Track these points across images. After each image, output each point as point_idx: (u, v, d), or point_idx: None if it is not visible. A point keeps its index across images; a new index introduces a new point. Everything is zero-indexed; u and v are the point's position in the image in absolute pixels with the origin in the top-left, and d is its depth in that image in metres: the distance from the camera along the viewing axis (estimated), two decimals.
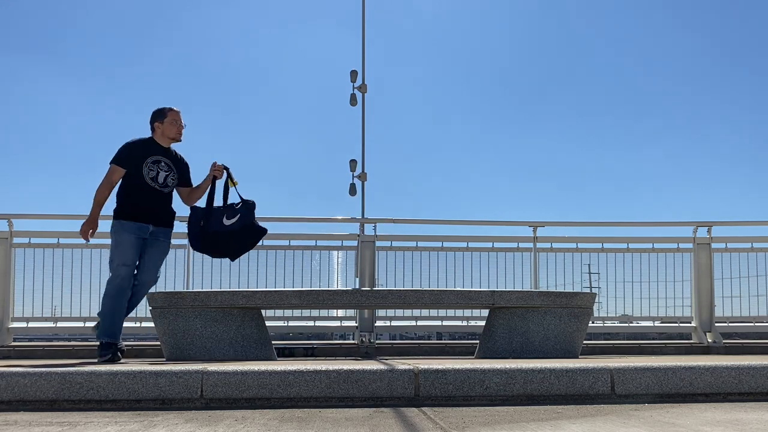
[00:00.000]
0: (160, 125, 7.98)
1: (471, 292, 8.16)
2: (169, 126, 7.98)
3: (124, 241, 7.68)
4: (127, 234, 7.68)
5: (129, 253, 7.69)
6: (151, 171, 7.84)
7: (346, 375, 5.03)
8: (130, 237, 7.69)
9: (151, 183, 7.83)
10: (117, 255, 7.67)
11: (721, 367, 5.29)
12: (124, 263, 7.65)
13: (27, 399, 4.90)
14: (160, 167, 7.91)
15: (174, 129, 7.99)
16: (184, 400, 4.93)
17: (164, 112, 8.02)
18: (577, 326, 7.94)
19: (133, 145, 7.87)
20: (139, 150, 7.86)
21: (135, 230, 7.72)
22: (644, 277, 11.55)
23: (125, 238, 7.68)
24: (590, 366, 5.24)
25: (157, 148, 7.96)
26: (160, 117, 8.01)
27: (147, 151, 7.88)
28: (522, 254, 11.36)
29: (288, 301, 8.09)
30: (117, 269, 7.63)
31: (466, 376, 5.07)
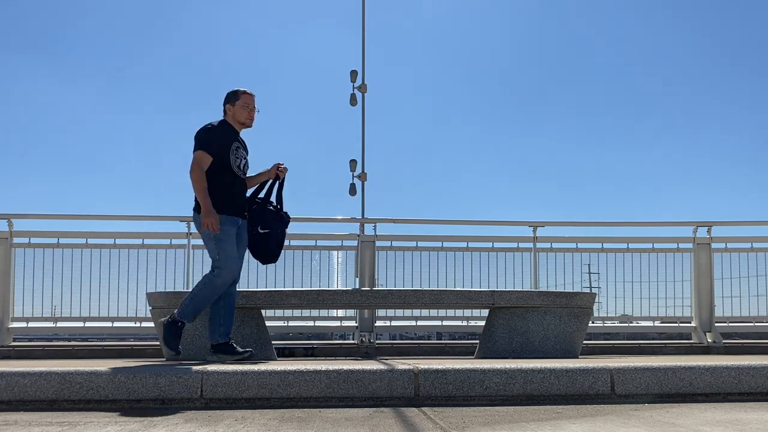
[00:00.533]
0: (231, 108, 7.50)
1: (471, 292, 8.16)
2: (240, 110, 7.48)
3: (229, 232, 7.22)
4: (230, 227, 7.24)
5: (234, 243, 7.27)
6: (237, 158, 7.41)
7: (346, 375, 5.04)
8: (232, 230, 7.27)
9: (238, 171, 7.41)
10: (226, 248, 7.18)
11: (721, 367, 5.29)
12: (235, 256, 7.24)
13: (27, 399, 4.90)
14: (241, 154, 7.50)
15: (245, 113, 7.50)
16: (184, 400, 4.93)
17: (237, 95, 7.56)
18: (577, 326, 7.94)
19: (215, 130, 7.39)
20: (224, 134, 7.40)
21: (231, 222, 7.28)
22: (644, 277, 11.55)
23: (229, 230, 7.22)
24: (590, 366, 5.24)
25: (235, 133, 7.52)
26: (232, 99, 7.54)
27: (230, 136, 7.44)
28: (522, 254, 11.36)
29: (288, 301, 8.10)
30: (227, 263, 7.14)
31: (466, 376, 5.07)
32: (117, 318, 10.64)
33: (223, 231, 7.15)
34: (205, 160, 7.22)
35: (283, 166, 7.75)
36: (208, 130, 7.35)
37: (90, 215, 11.19)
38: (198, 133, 7.36)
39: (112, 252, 10.71)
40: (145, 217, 11.26)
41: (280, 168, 7.74)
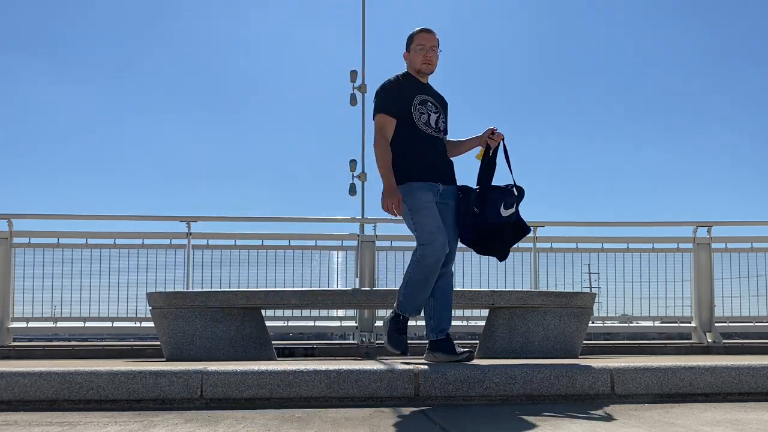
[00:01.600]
0: (407, 55, 6.46)
1: (471, 292, 8.17)
2: (416, 54, 6.37)
3: (423, 201, 6.14)
4: (422, 193, 6.16)
5: (435, 213, 6.15)
6: (422, 114, 6.27)
7: (346, 375, 5.03)
8: (425, 195, 6.17)
9: (426, 129, 6.28)
10: (423, 220, 6.11)
11: (721, 367, 5.29)
12: (438, 227, 6.08)
13: (27, 399, 4.90)
14: (429, 108, 6.33)
15: (420, 57, 6.35)
16: (184, 400, 4.93)
17: (411, 38, 6.45)
18: (577, 326, 7.94)
19: (392, 86, 6.33)
20: (402, 90, 6.30)
21: (426, 188, 6.20)
22: (644, 277, 11.57)
23: (423, 198, 6.15)
24: (590, 366, 5.24)
25: (418, 85, 6.39)
26: (407, 44, 6.46)
27: (410, 90, 6.33)
28: (522, 254, 11.37)
29: (288, 301, 8.10)
30: (431, 235, 6.04)
31: (466, 376, 5.07)
32: (117, 318, 10.66)
33: (416, 200, 6.14)
34: (388, 125, 6.25)
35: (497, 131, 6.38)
36: (384, 87, 6.35)
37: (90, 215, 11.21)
38: (376, 93, 6.40)
39: (112, 252, 10.73)
40: (145, 217, 11.29)
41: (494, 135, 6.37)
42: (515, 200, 6.32)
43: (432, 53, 6.40)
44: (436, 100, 6.47)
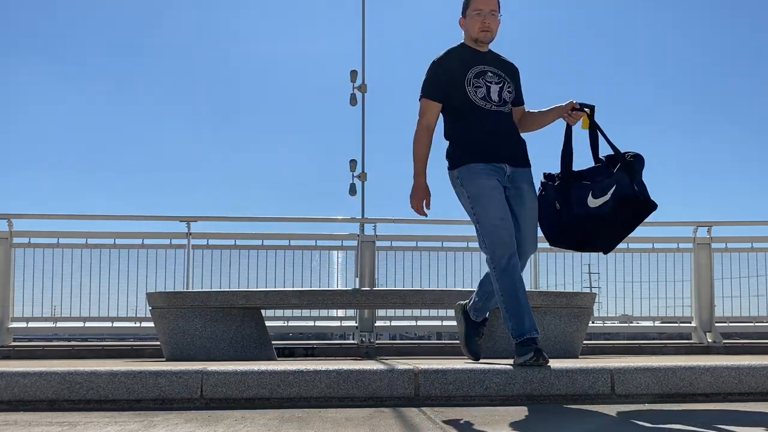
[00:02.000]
0: (463, 22, 5.76)
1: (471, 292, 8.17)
2: (472, 21, 5.64)
3: (486, 187, 5.43)
4: (483, 177, 5.45)
5: (498, 200, 5.44)
6: (478, 88, 5.49)
7: (346, 375, 5.03)
8: (488, 180, 5.45)
9: (484, 104, 5.51)
10: (483, 211, 5.44)
11: (721, 367, 5.29)
12: (501, 216, 5.39)
13: (27, 399, 4.89)
14: (487, 79, 5.55)
15: (476, 25, 5.61)
16: (184, 400, 4.92)
17: (467, 1, 5.72)
18: (577, 326, 7.95)
19: (440, 63, 5.65)
20: (452, 66, 5.62)
21: (490, 171, 5.48)
22: (644, 277, 11.57)
23: (486, 184, 5.44)
24: (590, 366, 5.24)
25: (474, 55, 5.66)
26: (463, 9, 5.76)
27: (463, 63, 5.60)
28: None
29: (288, 301, 8.11)
30: (494, 229, 5.39)
31: (466, 376, 5.07)
32: (117, 318, 10.68)
33: (477, 185, 5.47)
34: (428, 111, 5.64)
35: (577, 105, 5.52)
36: (430, 66, 5.69)
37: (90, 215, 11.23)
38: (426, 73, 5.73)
39: (112, 252, 10.74)
40: (145, 217, 11.30)
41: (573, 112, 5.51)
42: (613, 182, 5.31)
43: (491, 18, 5.64)
44: (500, 69, 5.69)
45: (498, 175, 5.49)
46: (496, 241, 5.37)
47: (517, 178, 5.57)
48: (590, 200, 5.37)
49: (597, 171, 5.44)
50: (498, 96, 5.59)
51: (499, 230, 5.35)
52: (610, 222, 5.37)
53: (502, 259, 5.38)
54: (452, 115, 5.65)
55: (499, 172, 5.50)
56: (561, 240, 5.62)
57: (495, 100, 5.57)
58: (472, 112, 5.55)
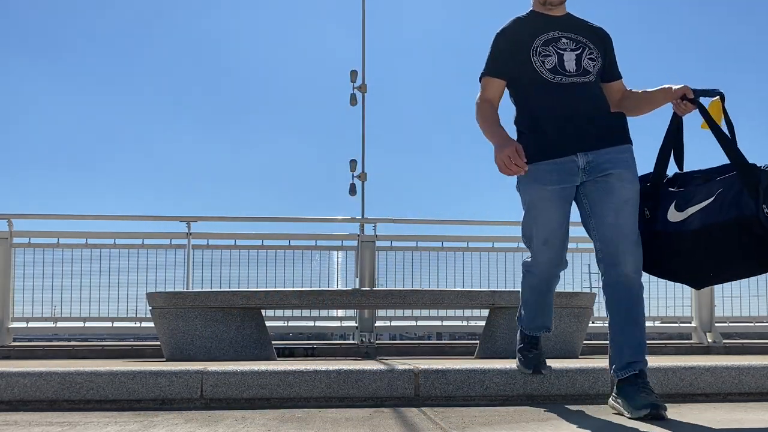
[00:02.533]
0: None
1: (471, 292, 8.19)
2: None
3: (535, 198, 4.65)
4: (538, 185, 4.60)
5: (547, 221, 4.67)
6: (547, 57, 4.54)
7: (346, 375, 5.03)
8: (543, 192, 4.60)
9: (554, 77, 4.54)
10: (528, 225, 4.79)
11: (721, 367, 5.29)
12: (546, 240, 4.72)
13: (27, 399, 4.90)
14: (560, 46, 4.60)
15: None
16: (184, 400, 4.93)
17: None
18: (577, 326, 7.94)
19: (503, 33, 4.76)
20: (516, 34, 4.71)
21: (552, 177, 4.56)
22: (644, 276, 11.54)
23: (536, 194, 4.62)
24: (590, 366, 5.25)
25: (543, 21, 4.70)
26: None
27: (530, 30, 4.67)
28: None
29: (288, 301, 8.11)
30: (536, 251, 4.82)
31: (466, 376, 5.07)
32: (117, 318, 10.67)
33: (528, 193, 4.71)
34: (487, 88, 4.79)
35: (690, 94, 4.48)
36: (493, 38, 4.81)
37: (90, 215, 11.22)
38: None
39: (112, 252, 10.73)
40: (145, 217, 11.31)
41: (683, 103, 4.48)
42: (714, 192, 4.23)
43: None
44: (579, 34, 4.73)
45: (562, 177, 4.55)
46: (536, 264, 4.89)
47: (603, 162, 4.55)
48: (671, 212, 4.39)
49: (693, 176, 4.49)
50: (575, 65, 4.60)
51: (539, 252, 4.79)
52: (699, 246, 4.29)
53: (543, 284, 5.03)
54: (517, 95, 4.75)
55: (564, 171, 4.55)
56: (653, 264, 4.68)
57: (570, 70, 4.58)
58: (539, 87, 4.58)
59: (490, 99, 4.75)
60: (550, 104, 4.57)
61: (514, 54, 4.66)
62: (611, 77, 4.85)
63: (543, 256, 4.79)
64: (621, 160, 4.55)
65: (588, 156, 4.55)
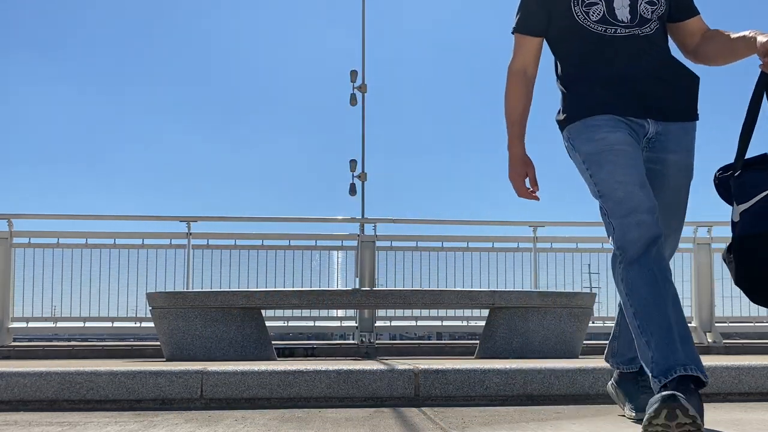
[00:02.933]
0: None
1: (471, 292, 8.19)
2: None
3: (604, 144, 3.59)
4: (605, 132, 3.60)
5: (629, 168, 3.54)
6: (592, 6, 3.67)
7: (346, 375, 5.03)
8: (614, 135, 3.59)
9: (602, 28, 3.68)
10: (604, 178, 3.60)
11: (720, 367, 5.29)
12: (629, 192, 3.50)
13: (27, 399, 4.89)
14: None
15: None
16: (184, 400, 4.92)
17: None
18: (577, 326, 7.94)
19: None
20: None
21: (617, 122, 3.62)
22: None
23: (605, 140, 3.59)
24: (590, 366, 5.24)
25: None
26: None
27: None
28: (522, 254, 11.37)
29: (288, 301, 8.11)
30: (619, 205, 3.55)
31: (466, 376, 5.07)
32: (117, 318, 10.67)
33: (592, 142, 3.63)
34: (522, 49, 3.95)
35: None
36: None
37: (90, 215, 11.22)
38: None
39: (112, 252, 10.73)
40: (145, 217, 11.31)
41: None
42: None
43: None
44: None
45: (629, 129, 3.64)
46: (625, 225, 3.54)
47: (667, 141, 3.74)
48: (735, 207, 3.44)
49: None
50: (629, 12, 3.70)
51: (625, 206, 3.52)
52: None
53: (634, 246, 3.51)
54: (559, 50, 3.92)
55: (632, 126, 3.66)
56: None
57: (623, 19, 3.69)
58: (584, 41, 3.74)
59: (523, 66, 3.92)
60: (600, 60, 3.72)
61: (551, 4, 3.81)
62: (685, 14, 3.85)
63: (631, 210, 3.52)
64: (685, 143, 3.77)
65: (658, 126, 3.70)
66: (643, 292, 3.45)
